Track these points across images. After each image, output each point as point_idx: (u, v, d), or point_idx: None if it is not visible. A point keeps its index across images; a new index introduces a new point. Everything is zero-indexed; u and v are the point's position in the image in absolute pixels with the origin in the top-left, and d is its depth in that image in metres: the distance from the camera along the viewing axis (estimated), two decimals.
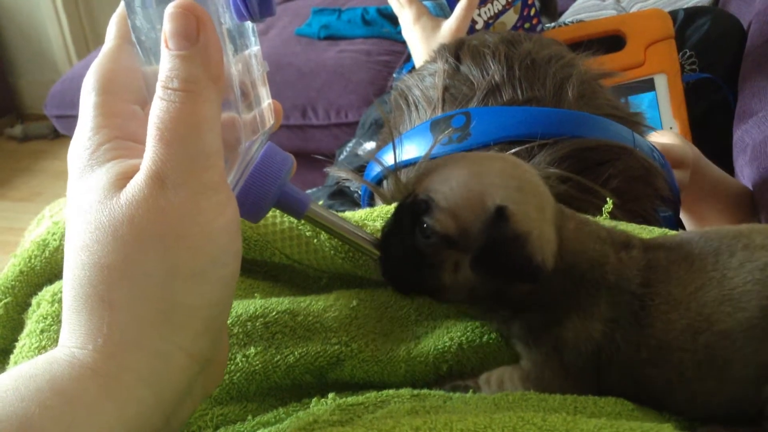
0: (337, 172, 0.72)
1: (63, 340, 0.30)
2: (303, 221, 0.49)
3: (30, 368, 0.28)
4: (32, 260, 0.51)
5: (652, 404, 0.41)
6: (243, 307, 0.46)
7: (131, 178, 0.30)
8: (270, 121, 0.37)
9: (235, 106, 0.34)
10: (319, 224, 0.41)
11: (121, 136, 0.33)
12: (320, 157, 0.71)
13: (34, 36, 3.07)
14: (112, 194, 0.29)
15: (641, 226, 0.49)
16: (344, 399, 0.39)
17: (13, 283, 0.50)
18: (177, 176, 0.29)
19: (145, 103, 0.35)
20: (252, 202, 0.36)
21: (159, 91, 0.30)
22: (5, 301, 0.50)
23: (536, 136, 0.53)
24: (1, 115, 3.09)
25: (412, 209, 0.40)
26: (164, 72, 0.30)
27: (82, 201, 0.30)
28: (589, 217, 0.43)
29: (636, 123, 0.60)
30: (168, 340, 0.30)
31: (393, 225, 0.42)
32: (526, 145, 0.52)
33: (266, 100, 0.37)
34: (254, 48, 0.36)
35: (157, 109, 0.30)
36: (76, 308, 0.29)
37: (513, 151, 0.52)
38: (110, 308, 0.29)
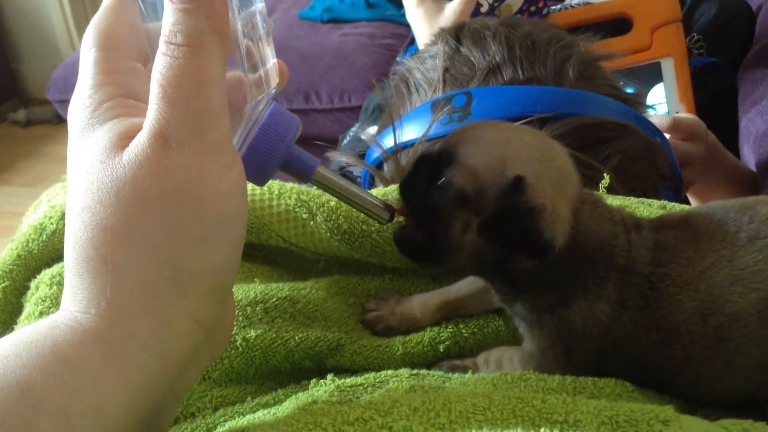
0: (338, 157, 0.72)
1: (65, 303, 0.28)
2: (299, 205, 0.49)
3: (31, 333, 0.27)
4: (29, 244, 0.51)
5: (654, 387, 0.40)
6: (243, 292, 0.46)
7: (134, 137, 0.29)
8: (275, 80, 0.36)
9: (240, 65, 0.32)
10: (327, 188, 0.40)
11: (122, 93, 0.31)
12: (321, 143, 0.70)
13: (37, 21, 3.06)
14: (114, 154, 0.28)
15: (640, 199, 0.48)
16: (343, 380, 0.39)
17: (10, 267, 0.50)
18: (181, 135, 0.28)
19: (147, 61, 0.34)
20: (258, 163, 0.35)
21: (162, 47, 0.29)
22: (3, 285, 0.50)
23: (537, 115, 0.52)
24: (4, 100, 3.08)
25: (435, 158, 0.40)
26: (167, 26, 0.29)
27: (84, 161, 0.29)
28: (601, 197, 0.43)
29: (637, 103, 0.60)
30: (173, 306, 0.29)
31: (413, 173, 0.41)
32: (527, 119, 0.52)
33: (271, 59, 0.36)
34: (259, 4, 0.34)
35: (160, 65, 0.29)
36: (78, 271, 0.28)
37: None
38: (114, 271, 0.28)
